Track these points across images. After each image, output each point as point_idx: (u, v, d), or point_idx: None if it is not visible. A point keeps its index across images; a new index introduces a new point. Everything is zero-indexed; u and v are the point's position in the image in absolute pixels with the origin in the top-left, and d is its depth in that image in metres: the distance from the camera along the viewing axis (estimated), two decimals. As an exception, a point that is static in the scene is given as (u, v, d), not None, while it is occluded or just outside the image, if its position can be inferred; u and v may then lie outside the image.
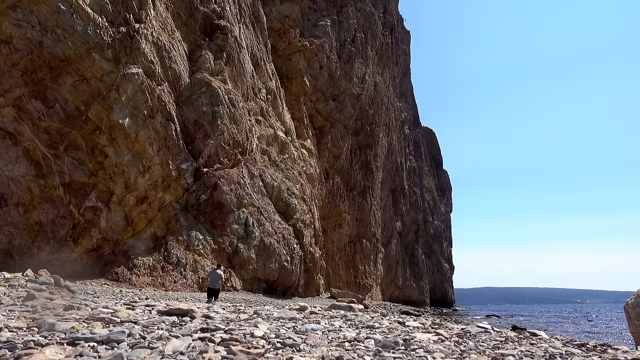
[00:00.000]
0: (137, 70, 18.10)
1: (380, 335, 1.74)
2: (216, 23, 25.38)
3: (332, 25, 45.64)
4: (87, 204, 16.57)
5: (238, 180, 23.64)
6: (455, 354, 1.48)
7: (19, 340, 1.48)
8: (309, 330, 1.84)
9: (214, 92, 22.75)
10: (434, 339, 1.73)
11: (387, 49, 61.33)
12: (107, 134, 17.11)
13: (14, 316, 2.04)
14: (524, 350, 1.55)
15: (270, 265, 24.59)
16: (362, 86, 49.69)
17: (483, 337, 1.85)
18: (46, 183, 15.58)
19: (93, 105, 16.67)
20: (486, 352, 1.54)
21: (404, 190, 65.44)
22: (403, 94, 74.66)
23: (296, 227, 29.02)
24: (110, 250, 17.41)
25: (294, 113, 37.27)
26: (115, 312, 2.08)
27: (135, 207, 18.16)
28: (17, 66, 14.93)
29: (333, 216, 42.82)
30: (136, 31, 18.43)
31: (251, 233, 23.55)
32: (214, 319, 2.08)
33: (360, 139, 49.43)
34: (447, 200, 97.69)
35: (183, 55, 22.48)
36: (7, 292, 4.18)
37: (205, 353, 1.34)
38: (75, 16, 15.93)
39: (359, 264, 45.82)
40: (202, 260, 20.13)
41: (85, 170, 16.58)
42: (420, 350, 1.51)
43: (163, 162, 19.21)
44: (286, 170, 30.48)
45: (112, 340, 1.51)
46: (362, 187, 48.88)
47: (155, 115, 18.92)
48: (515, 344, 1.71)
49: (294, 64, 38.92)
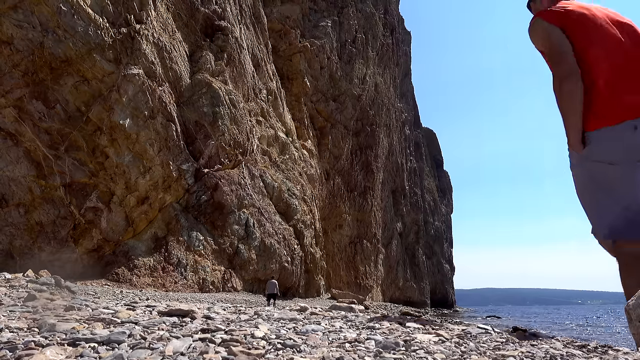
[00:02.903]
0: (138, 71, 18.12)
1: (380, 336, 1.75)
2: (217, 24, 25.41)
3: (333, 26, 45.68)
4: (87, 204, 16.59)
5: (239, 180, 23.66)
6: (456, 354, 1.48)
7: (19, 341, 1.48)
8: (309, 331, 1.84)
9: (214, 92, 22.78)
10: (435, 340, 1.74)
11: (387, 49, 61.37)
12: (108, 135, 17.12)
13: (15, 317, 2.05)
14: (525, 352, 1.56)
15: (271, 265, 24.60)
16: (362, 87, 49.72)
17: (484, 338, 1.86)
18: (47, 184, 15.59)
19: (94, 106, 16.69)
20: (487, 353, 1.54)
21: (405, 191, 65.44)
22: (403, 94, 74.71)
23: (297, 228, 29.03)
24: (110, 251, 17.42)
25: (295, 114, 37.31)
26: (116, 313, 2.09)
27: (135, 208, 18.18)
28: (18, 67, 14.95)
29: (333, 217, 42.82)
30: (137, 32, 18.45)
31: (252, 234, 23.56)
32: (215, 319, 2.09)
33: (360, 140, 49.45)
34: (447, 201, 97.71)
35: (184, 55, 22.51)
36: (7, 293, 4.19)
37: (205, 354, 1.35)
38: (76, 17, 15.96)
39: (360, 265, 45.82)
40: (203, 260, 20.13)
41: (86, 170, 16.59)
42: (421, 351, 1.51)
43: (164, 162, 19.23)
44: (287, 171, 30.50)
45: (112, 340, 1.51)
46: (363, 187, 48.89)
47: (156, 115, 18.94)
48: (516, 345, 1.72)
49: (294, 64, 38.97)
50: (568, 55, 2.24)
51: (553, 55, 2.30)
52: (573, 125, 2.25)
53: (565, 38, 2.27)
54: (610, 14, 2.37)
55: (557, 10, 2.34)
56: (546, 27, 2.32)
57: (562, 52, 2.25)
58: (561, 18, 2.30)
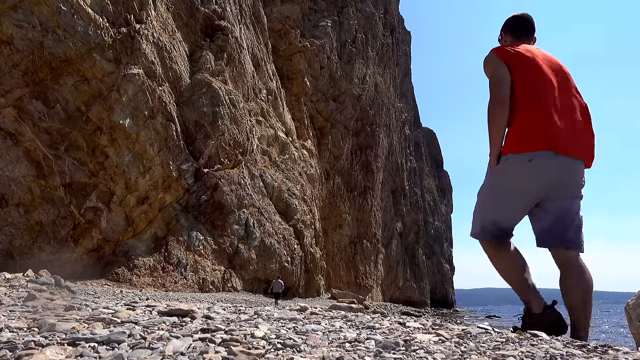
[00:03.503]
0: (138, 70, 18.12)
1: (380, 335, 1.75)
2: (217, 24, 25.41)
3: (333, 26, 45.68)
4: (87, 204, 16.58)
5: (238, 180, 23.66)
6: (456, 354, 1.48)
7: (19, 341, 1.48)
8: (309, 331, 1.84)
9: (214, 92, 22.78)
10: (435, 340, 1.74)
11: (387, 49, 61.37)
12: (108, 135, 17.12)
13: (15, 316, 2.04)
14: (525, 351, 1.55)
15: (271, 265, 24.61)
16: (362, 87, 49.72)
17: (484, 338, 1.86)
18: (47, 183, 15.59)
19: (94, 105, 16.69)
20: (487, 352, 1.54)
21: (405, 191, 65.46)
22: (403, 94, 74.70)
23: (297, 228, 29.04)
24: (110, 251, 17.42)
25: (295, 113, 37.30)
26: (116, 313, 2.08)
27: (135, 208, 18.18)
28: (18, 67, 14.95)
29: (333, 217, 42.83)
30: (137, 32, 18.45)
31: (252, 234, 23.56)
32: (215, 319, 2.08)
33: (360, 140, 49.45)
34: (447, 200, 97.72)
35: (184, 55, 22.51)
36: (7, 293, 4.19)
37: (205, 353, 1.35)
38: (76, 17, 15.95)
39: (360, 265, 45.82)
40: (203, 260, 20.14)
41: (85, 170, 16.59)
42: (421, 351, 1.51)
43: (164, 162, 19.23)
44: (287, 171, 30.50)
45: (112, 340, 1.51)
46: (363, 187, 48.89)
47: (155, 115, 18.94)
48: (516, 345, 1.72)
49: (294, 64, 38.96)
50: (504, 85, 2.63)
51: (493, 83, 2.68)
52: (494, 144, 2.67)
53: (507, 72, 2.66)
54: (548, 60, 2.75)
55: (507, 49, 2.76)
56: (495, 61, 2.72)
57: (501, 83, 2.64)
58: (508, 56, 2.71)
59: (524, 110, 2.59)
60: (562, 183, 2.55)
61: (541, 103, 2.57)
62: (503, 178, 2.63)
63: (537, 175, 2.51)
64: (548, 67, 2.68)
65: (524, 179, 2.55)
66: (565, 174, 2.53)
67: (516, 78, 2.65)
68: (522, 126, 2.58)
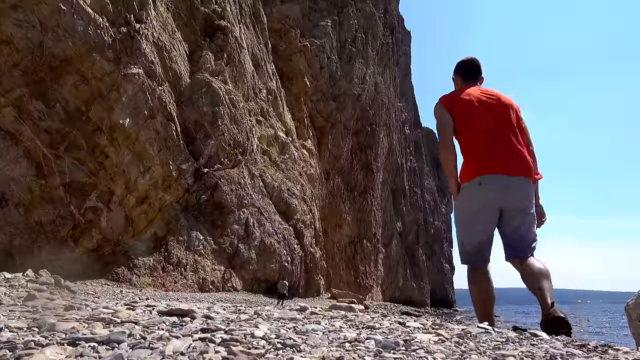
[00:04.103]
0: (138, 70, 18.10)
1: (380, 335, 1.74)
2: (217, 23, 25.39)
3: (333, 26, 45.66)
4: (87, 204, 16.57)
5: (238, 180, 23.66)
6: (456, 354, 1.48)
7: (19, 341, 1.48)
8: (309, 331, 1.84)
9: (214, 92, 22.77)
10: (435, 340, 1.73)
11: (387, 49, 61.37)
12: (108, 134, 17.11)
13: (15, 316, 2.04)
14: (525, 351, 1.55)
15: (271, 265, 24.61)
16: (362, 86, 49.70)
17: (484, 338, 1.86)
18: (47, 183, 15.57)
19: (94, 105, 16.67)
20: (487, 352, 1.54)
21: (405, 191, 65.46)
22: (404, 94, 74.70)
23: (296, 228, 29.04)
24: (110, 251, 17.41)
25: (295, 113, 37.29)
26: (116, 313, 2.08)
27: (135, 208, 18.17)
28: (18, 66, 14.93)
29: (333, 217, 42.82)
30: (137, 31, 18.44)
31: (251, 233, 23.56)
32: (215, 319, 2.07)
33: (360, 140, 49.44)
34: (447, 200, 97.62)
35: (183, 55, 22.50)
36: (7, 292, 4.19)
37: (205, 353, 1.34)
38: (76, 16, 15.94)
39: (360, 265, 45.82)
40: (203, 260, 20.14)
41: (85, 170, 16.58)
42: (421, 350, 1.50)
43: (163, 162, 19.22)
44: (287, 171, 30.50)
45: (112, 340, 1.51)
46: (363, 187, 48.89)
47: (155, 115, 18.93)
48: (516, 345, 1.71)
49: (294, 64, 38.95)
50: (448, 128, 3.16)
51: (439, 127, 3.25)
52: (450, 178, 3.19)
53: (449, 118, 3.19)
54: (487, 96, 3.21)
55: (448, 96, 3.30)
56: (439, 108, 3.26)
57: (444, 126, 3.18)
58: (449, 102, 3.25)
59: (466, 144, 3.16)
60: (511, 197, 3.00)
61: (478, 136, 3.10)
62: (467, 203, 3.13)
63: (489, 193, 3.00)
64: (485, 104, 3.16)
65: (480, 199, 3.03)
66: (509, 190, 2.98)
67: (457, 119, 3.18)
68: (467, 158, 3.14)
